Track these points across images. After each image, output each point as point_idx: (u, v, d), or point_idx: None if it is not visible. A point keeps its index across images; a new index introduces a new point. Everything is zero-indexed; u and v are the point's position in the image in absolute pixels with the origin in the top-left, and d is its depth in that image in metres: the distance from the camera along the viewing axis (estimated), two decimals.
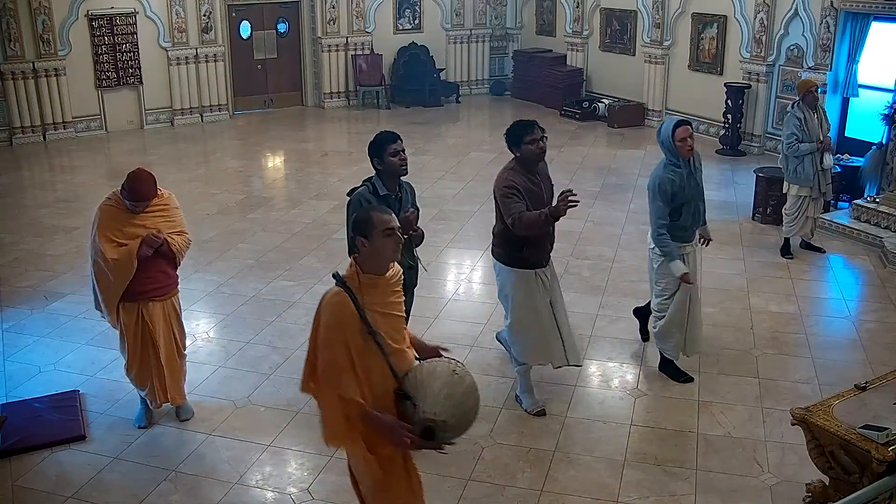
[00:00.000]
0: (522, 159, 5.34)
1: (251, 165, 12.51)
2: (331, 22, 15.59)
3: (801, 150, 7.99)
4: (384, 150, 4.99)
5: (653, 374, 6.22)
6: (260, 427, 5.54)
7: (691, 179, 5.83)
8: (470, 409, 3.53)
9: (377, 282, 3.51)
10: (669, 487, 4.92)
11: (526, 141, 5.27)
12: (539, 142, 5.30)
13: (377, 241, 3.44)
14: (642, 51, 14.37)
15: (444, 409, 3.42)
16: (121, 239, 5.13)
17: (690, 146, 5.73)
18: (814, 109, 8.10)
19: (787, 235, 8.46)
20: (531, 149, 5.29)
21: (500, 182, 5.36)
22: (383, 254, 3.48)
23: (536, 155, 5.33)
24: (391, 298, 3.58)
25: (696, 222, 5.97)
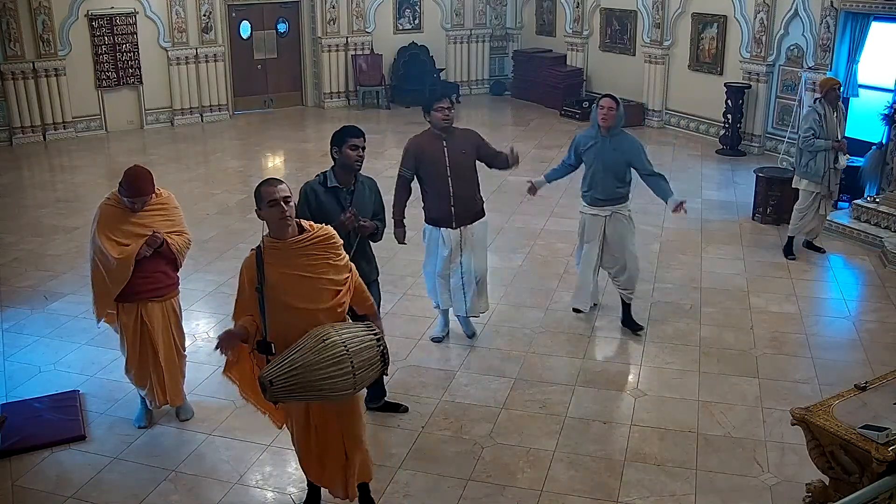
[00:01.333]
0: (431, 123, 6.19)
1: (251, 165, 12.51)
2: (331, 22, 15.59)
3: (817, 145, 7.98)
4: (345, 141, 5.04)
5: (653, 374, 6.22)
6: (260, 427, 5.52)
7: (601, 149, 6.57)
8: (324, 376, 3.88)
9: (277, 245, 4.06)
10: (669, 487, 4.92)
11: (434, 107, 6.13)
12: (446, 111, 6.11)
13: (264, 210, 4.04)
14: (642, 51, 14.37)
15: (276, 373, 3.88)
16: (120, 238, 5.13)
17: (604, 115, 6.52)
18: (834, 108, 8.09)
19: (792, 234, 8.43)
20: (437, 115, 6.12)
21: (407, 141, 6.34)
22: (272, 221, 4.05)
23: (441, 121, 6.12)
24: (300, 261, 4.05)
25: (596, 189, 6.66)
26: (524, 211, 9.97)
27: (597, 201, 6.70)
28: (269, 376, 3.89)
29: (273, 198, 4.01)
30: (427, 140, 6.23)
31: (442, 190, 6.18)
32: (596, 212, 6.73)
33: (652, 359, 6.43)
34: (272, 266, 4.04)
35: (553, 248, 8.79)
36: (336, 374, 3.89)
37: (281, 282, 4.03)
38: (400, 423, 5.56)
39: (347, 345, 3.92)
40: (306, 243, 4.07)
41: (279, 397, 3.95)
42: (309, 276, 4.05)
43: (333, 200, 5.08)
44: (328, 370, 3.87)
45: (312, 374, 3.86)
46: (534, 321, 7.02)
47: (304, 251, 4.06)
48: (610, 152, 6.55)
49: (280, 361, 3.91)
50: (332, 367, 3.88)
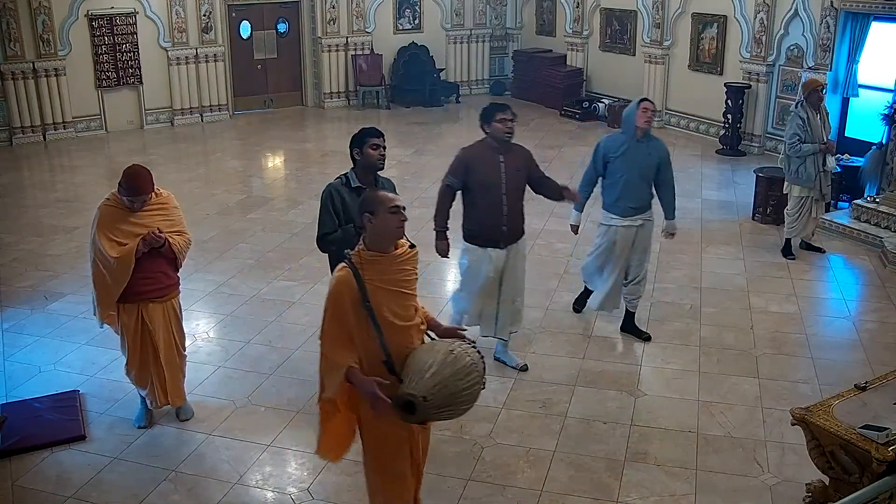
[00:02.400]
0: (490, 136, 5.76)
1: (251, 165, 12.51)
2: (331, 22, 15.59)
3: (804, 150, 7.97)
4: (365, 141, 5.05)
5: (653, 374, 6.22)
6: (260, 427, 5.54)
7: (635, 154, 6.26)
8: (462, 388, 3.67)
9: (380, 259, 3.76)
10: (669, 487, 4.92)
11: (497, 118, 5.70)
12: (508, 122, 5.72)
13: (382, 217, 3.72)
14: (642, 51, 14.37)
15: (426, 387, 3.59)
16: (120, 238, 5.13)
17: (648, 118, 6.23)
18: (817, 110, 8.07)
19: (788, 236, 8.45)
20: (499, 127, 5.71)
21: (460, 150, 5.89)
22: (387, 230, 3.75)
23: (503, 133, 5.71)
24: (398, 276, 3.80)
25: (630, 199, 6.36)
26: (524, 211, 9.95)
27: (630, 211, 6.38)
28: (421, 392, 3.59)
29: (395, 203, 3.74)
30: (483, 152, 5.77)
31: (495, 207, 5.75)
32: (629, 223, 6.43)
33: (652, 359, 6.44)
34: (371, 282, 3.72)
35: (553, 248, 8.79)
36: (471, 385, 3.72)
37: (379, 298, 3.73)
38: None
39: (469, 353, 3.76)
40: (406, 257, 3.83)
41: (429, 416, 3.69)
42: (403, 292, 3.83)
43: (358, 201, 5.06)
44: (465, 379, 3.69)
45: (455, 387, 3.66)
46: (534, 321, 7.02)
47: (403, 265, 3.82)
48: (645, 157, 6.30)
49: (420, 377, 3.62)
50: (467, 376, 3.70)
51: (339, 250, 5.06)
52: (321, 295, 7.82)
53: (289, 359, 6.41)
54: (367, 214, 3.76)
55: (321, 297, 7.73)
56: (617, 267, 6.60)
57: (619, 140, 6.37)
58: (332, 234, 5.06)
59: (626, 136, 6.33)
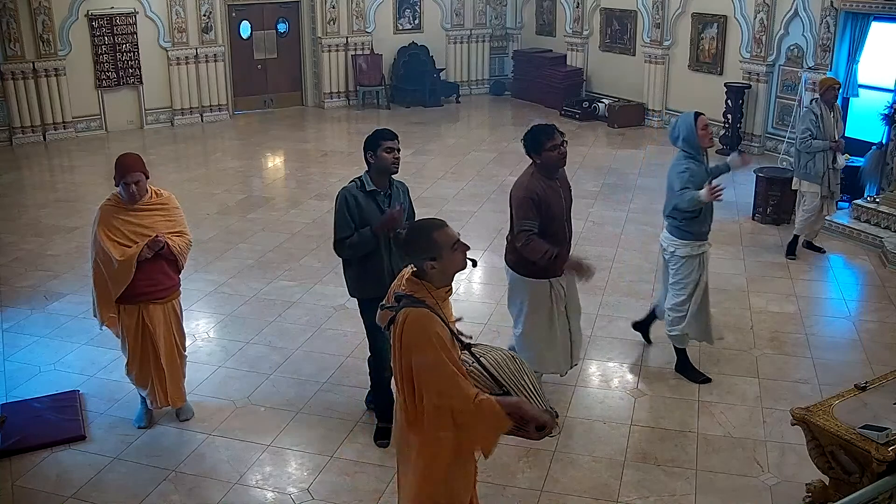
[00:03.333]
0: (542, 166, 5.21)
1: (251, 165, 12.51)
2: (331, 22, 15.59)
3: (814, 146, 7.98)
4: (379, 144, 5.01)
5: (653, 374, 6.22)
6: (260, 427, 5.54)
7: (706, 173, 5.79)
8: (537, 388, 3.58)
9: (446, 295, 3.55)
10: (669, 487, 4.92)
11: (547, 147, 5.13)
12: (560, 147, 5.17)
13: (448, 255, 3.41)
14: (642, 51, 14.37)
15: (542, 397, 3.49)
16: (121, 239, 5.13)
17: (711, 134, 5.76)
18: (831, 108, 8.08)
19: (798, 234, 8.41)
20: (552, 155, 5.15)
21: (519, 189, 5.24)
22: (455, 267, 3.47)
23: (557, 161, 5.20)
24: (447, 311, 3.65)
25: (711, 219, 5.91)
26: None
27: (709, 232, 5.94)
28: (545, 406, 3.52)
29: (458, 239, 3.43)
30: (543, 184, 5.22)
31: (560, 236, 5.34)
32: (707, 244, 5.95)
33: (652, 359, 6.43)
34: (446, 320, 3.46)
35: None
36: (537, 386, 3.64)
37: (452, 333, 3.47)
38: None
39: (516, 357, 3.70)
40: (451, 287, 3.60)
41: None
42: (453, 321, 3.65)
43: (373, 204, 5.04)
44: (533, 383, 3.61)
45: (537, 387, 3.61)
46: None
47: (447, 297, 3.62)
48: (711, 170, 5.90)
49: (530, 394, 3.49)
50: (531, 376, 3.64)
51: (355, 254, 5.07)
52: (321, 295, 7.84)
53: (289, 359, 6.41)
54: (429, 262, 3.40)
55: (321, 297, 7.73)
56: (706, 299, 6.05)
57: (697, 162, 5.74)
58: (349, 238, 5.03)
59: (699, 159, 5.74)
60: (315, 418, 5.64)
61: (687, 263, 5.88)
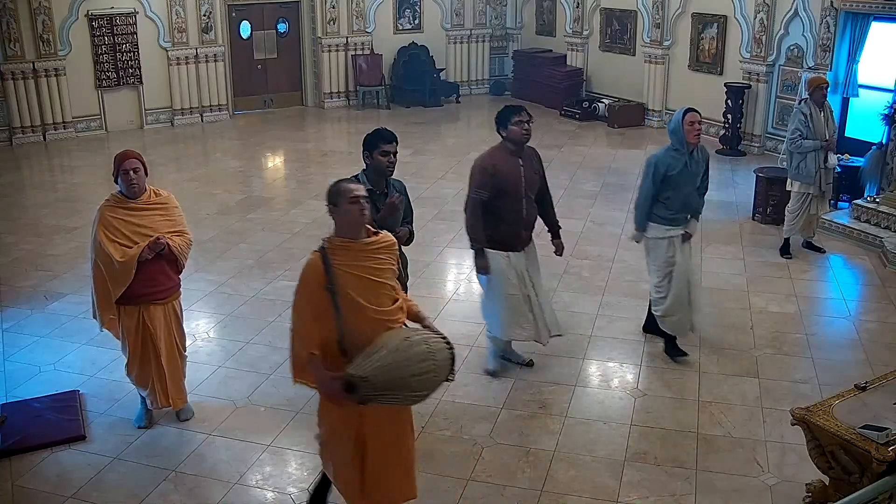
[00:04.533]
0: (507, 139, 5.69)
1: (251, 165, 12.51)
2: (331, 22, 15.59)
3: (805, 146, 7.98)
4: (377, 146, 5.05)
5: (653, 374, 6.22)
6: (260, 427, 5.54)
7: (688, 168, 6.07)
8: (410, 374, 3.75)
9: (349, 245, 3.93)
10: (669, 487, 4.92)
11: (513, 121, 5.61)
12: (524, 123, 5.62)
13: (343, 207, 3.91)
14: (642, 51, 14.38)
15: (369, 368, 3.70)
16: (121, 239, 5.12)
17: (698, 131, 6.01)
18: (820, 107, 8.08)
19: (787, 235, 8.44)
20: (516, 130, 5.62)
21: (478, 160, 5.77)
22: (349, 219, 3.92)
23: (520, 136, 5.63)
24: (369, 263, 3.94)
25: (686, 210, 6.20)
26: None
27: (683, 220, 6.23)
28: (361, 373, 3.71)
29: (355, 194, 3.92)
30: (502, 157, 5.70)
31: (517, 211, 5.73)
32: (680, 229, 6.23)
33: (652, 359, 6.43)
34: (340, 268, 3.88)
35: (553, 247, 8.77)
36: (422, 372, 3.78)
37: (349, 283, 3.88)
38: None
39: (429, 343, 3.84)
40: (378, 245, 3.99)
41: (369, 396, 3.76)
42: (375, 280, 3.95)
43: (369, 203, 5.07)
44: (416, 366, 3.76)
45: (402, 371, 3.74)
46: None
47: (374, 254, 3.97)
48: (695, 166, 6.12)
49: (367, 359, 3.75)
50: (420, 363, 3.77)
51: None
52: None
53: (288, 359, 6.40)
54: (330, 205, 3.97)
55: None
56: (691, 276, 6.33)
57: (672, 156, 6.07)
58: None
59: (680, 152, 6.06)
60: (315, 418, 5.62)
61: (656, 245, 6.25)
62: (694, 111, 6.08)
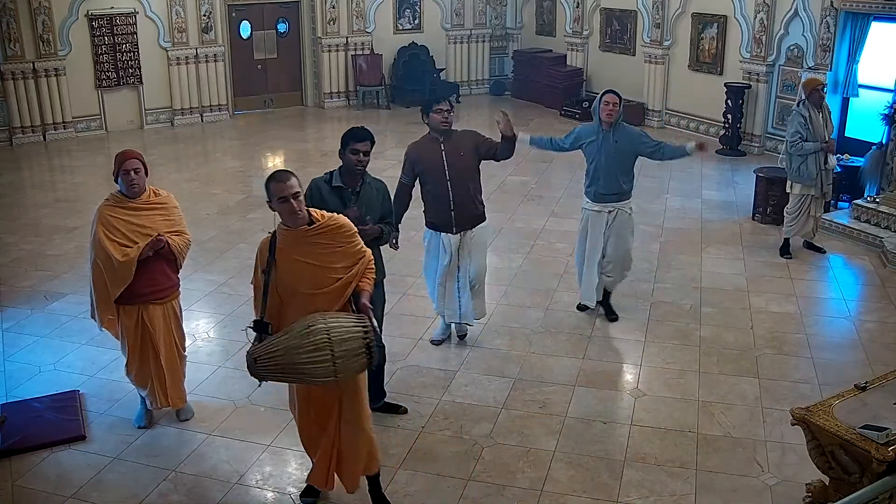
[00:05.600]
0: (428, 126, 6.10)
1: (251, 165, 12.51)
2: (331, 22, 15.59)
3: (805, 148, 7.99)
4: (348, 144, 5.13)
5: (653, 374, 6.22)
6: (260, 427, 5.54)
7: (603, 144, 6.57)
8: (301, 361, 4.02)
9: (288, 233, 4.24)
10: (669, 487, 4.92)
11: (433, 109, 6.02)
12: (444, 112, 6.01)
13: (275, 204, 4.21)
14: (642, 51, 14.37)
15: (264, 349, 4.09)
16: (121, 239, 5.12)
17: (609, 111, 6.48)
18: (819, 109, 8.08)
19: (787, 235, 8.45)
20: (435, 117, 6.02)
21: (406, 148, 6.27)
22: (283, 215, 4.22)
23: (438, 122, 6.01)
24: (311, 249, 4.22)
25: (600, 186, 6.67)
26: (524, 211, 9.98)
27: (601, 197, 6.72)
28: (255, 353, 4.11)
29: (283, 195, 4.15)
30: (425, 145, 6.16)
31: (441, 195, 6.10)
32: (599, 208, 6.75)
33: (652, 359, 6.43)
34: (283, 251, 4.22)
35: (553, 248, 8.79)
36: (316, 360, 4.01)
37: (290, 267, 4.21)
38: (400, 424, 5.56)
39: (331, 333, 4.02)
40: (315, 232, 4.23)
41: (262, 375, 4.14)
42: (316, 265, 4.22)
43: (337, 200, 5.10)
44: (309, 355, 4.00)
45: (293, 357, 4.02)
46: (534, 321, 7.02)
47: (313, 239, 4.23)
48: (612, 146, 6.58)
49: (268, 341, 4.12)
50: (313, 352, 4.00)
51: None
52: None
53: None
54: (267, 201, 4.25)
55: None
56: (592, 259, 6.86)
57: (591, 129, 6.69)
58: None
59: (597, 128, 6.65)
60: None
61: (583, 215, 6.90)
62: (612, 93, 6.56)
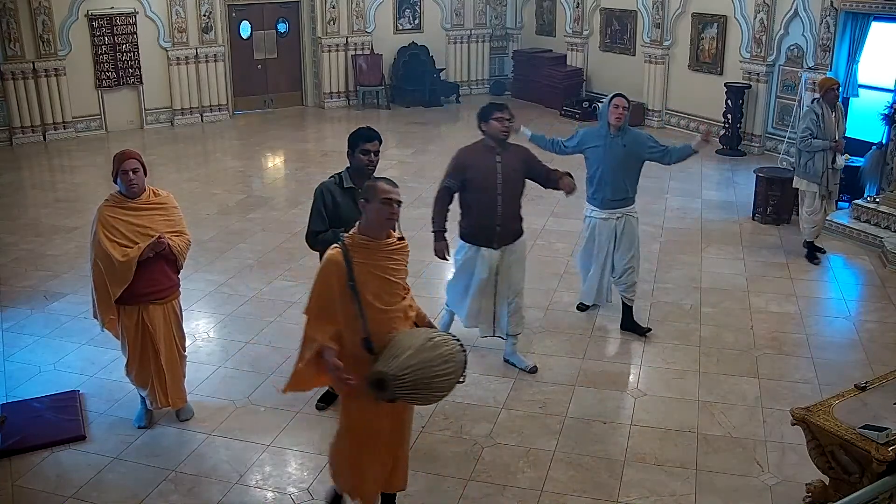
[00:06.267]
0: (486, 134, 5.75)
1: (251, 165, 12.51)
2: (331, 22, 15.59)
3: (814, 146, 7.97)
4: (357, 146, 5.10)
5: (653, 374, 6.22)
6: (260, 427, 5.54)
7: (610, 148, 6.36)
8: (435, 375, 3.85)
9: (369, 244, 3.97)
10: (669, 487, 4.92)
11: (494, 117, 5.67)
12: (506, 121, 5.68)
13: (374, 205, 3.95)
14: (642, 51, 14.37)
15: (399, 366, 3.78)
16: (121, 239, 5.12)
17: (619, 115, 6.29)
18: (833, 108, 8.07)
19: (810, 238, 8.30)
20: (495, 125, 5.67)
21: (456, 151, 5.89)
22: (378, 219, 3.96)
23: (498, 131, 5.69)
24: (387, 263, 4.01)
25: (606, 191, 6.46)
26: (524, 211, 9.94)
27: (608, 203, 6.52)
28: (392, 371, 3.79)
29: (389, 196, 3.95)
30: (479, 152, 5.78)
31: (490, 208, 5.77)
32: (607, 215, 6.56)
33: (652, 359, 6.43)
34: (360, 265, 3.94)
35: (553, 248, 8.79)
36: (446, 373, 3.89)
37: (367, 281, 3.95)
38: None
39: (451, 345, 3.95)
40: (395, 247, 4.05)
41: (398, 394, 3.85)
42: (391, 280, 4.04)
43: (350, 201, 5.09)
44: (441, 367, 3.86)
45: (429, 372, 3.84)
46: (534, 321, 7.02)
47: (392, 254, 4.04)
48: (620, 150, 6.38)
49: (393, 358, 3.81)
50: (443, 364, 3.87)
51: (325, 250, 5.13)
52: None
53: (289, 359, 6.39)
54: (362, 200, 4.00)
55: None
56: (599, 260, 6.72)
57: (597, 133, 6.47)
58: (322, 234, 5.12)
59: (603, 132, 6.43)
60: (315, 418, 5.64)
61: (585, 221, 6.72)
62: (622, 96, 6.39)
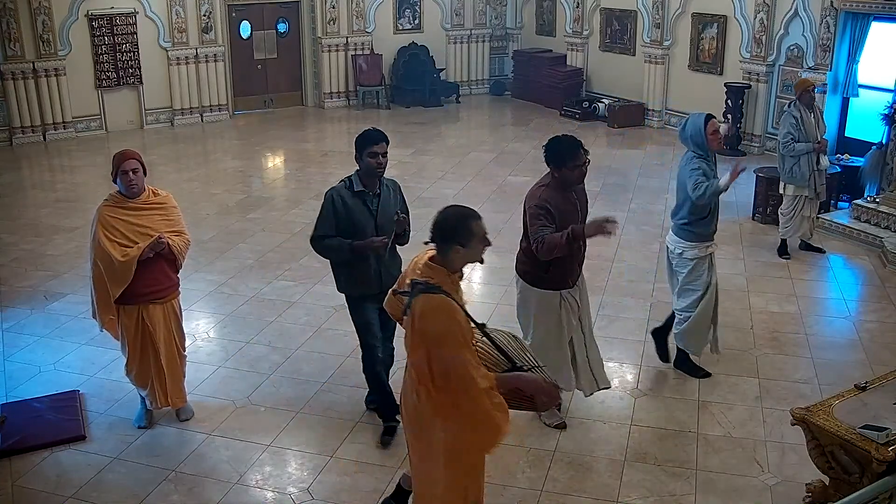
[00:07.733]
0: (560, 180, 5.08)
1: (251, 165, 12.51)
2: (331, 22, 15.59)
3: (797, 149, 8.00)
4: (365, 148, 5.06)
5: (653, 374, 6.22)
6: (260, 427, 5.54)
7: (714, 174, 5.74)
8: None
9: (454, 277, 3.70)
10: (669, 487, 4.92)
11: (569, 166, 5.02)
12: (582, 167, 5.07)
13: (474, 247, 3.63)
14: (642, 51, 14.37)
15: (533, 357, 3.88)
16: (121, 239, 5.12)
17: (720, 138, 5.79)
18: (810, 109, 8.10)
19: (784, 237, 8.45)
20: (572, 174, 5.05)
21: (532, 199, 5.11)
22: (474, 257, 3.68)
23: (577, 179, 5.11)
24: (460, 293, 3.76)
25: (717, 219, 5.91)
26: None
27: (715, 232, 5.93)
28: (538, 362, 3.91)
29: (486, 234, 3.67)
30: (558, 196, 5.09)
31: (575, 250, 5.16)
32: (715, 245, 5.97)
33: (652, 359, 6.43)
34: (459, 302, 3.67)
35: None
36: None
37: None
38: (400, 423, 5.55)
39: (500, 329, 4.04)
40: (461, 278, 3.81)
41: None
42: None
43: (361, 204, 5.09)
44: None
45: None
46: None
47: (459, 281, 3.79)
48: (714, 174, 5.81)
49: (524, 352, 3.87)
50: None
51: (328, 256, 5.21)
52: (321, 295, 7.83)
53: (289, 359, 6.41)
54: (457, 247, 3.59)
55: (321, 297, 7.72)
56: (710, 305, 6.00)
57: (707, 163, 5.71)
58: (328, 240, 5.10)
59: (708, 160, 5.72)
60: (315, 418, 5.64)
61: (697, 265, 5.86)
62: (713, 118, 5.72)
